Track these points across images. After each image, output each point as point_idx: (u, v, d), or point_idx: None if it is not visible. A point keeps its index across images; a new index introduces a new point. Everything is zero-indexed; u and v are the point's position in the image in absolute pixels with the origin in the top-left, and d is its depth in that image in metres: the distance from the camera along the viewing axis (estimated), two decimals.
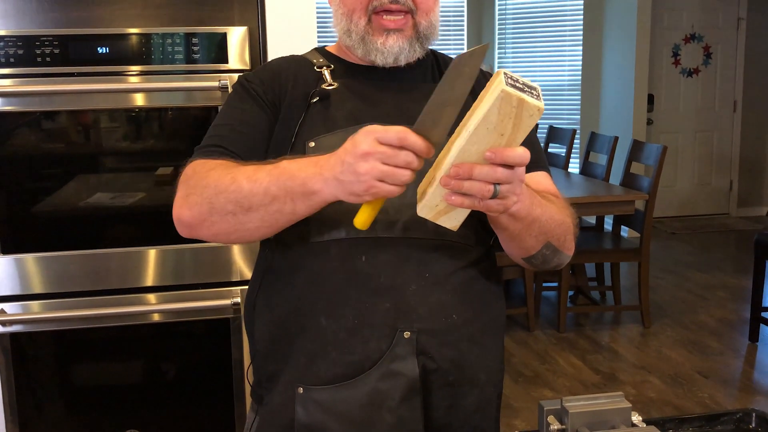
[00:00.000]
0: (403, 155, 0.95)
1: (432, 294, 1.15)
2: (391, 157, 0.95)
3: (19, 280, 2.03)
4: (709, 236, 6.45)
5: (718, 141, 7.06)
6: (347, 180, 0.98)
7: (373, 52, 1.23)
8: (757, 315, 3.98)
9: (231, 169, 1.10)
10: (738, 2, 6.87)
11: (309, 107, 1.22)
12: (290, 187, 1.04)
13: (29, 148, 2.01)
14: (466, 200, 0.98)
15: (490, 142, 0.94)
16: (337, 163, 0.99)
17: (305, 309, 1.16)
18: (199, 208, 1.11)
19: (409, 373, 1.12)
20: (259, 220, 1.09)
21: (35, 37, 1.92)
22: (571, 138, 5.18)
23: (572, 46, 6.73)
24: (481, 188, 0.96)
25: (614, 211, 4.14)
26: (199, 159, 1.17)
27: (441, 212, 1.03)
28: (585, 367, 3.73)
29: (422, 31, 1.23)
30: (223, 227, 1.11)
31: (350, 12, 1.23)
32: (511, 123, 0.92)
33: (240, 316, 2.10)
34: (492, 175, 0.96)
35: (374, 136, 0.96)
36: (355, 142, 0.97)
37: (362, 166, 0.96)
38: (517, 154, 0.95)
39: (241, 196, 1.07)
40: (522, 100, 0.90)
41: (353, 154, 0.96)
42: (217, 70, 2.01)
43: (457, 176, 0.96)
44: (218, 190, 1.09)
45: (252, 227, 1.10)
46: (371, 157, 0.95)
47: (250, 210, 1.08)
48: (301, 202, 1.05)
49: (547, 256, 1.19)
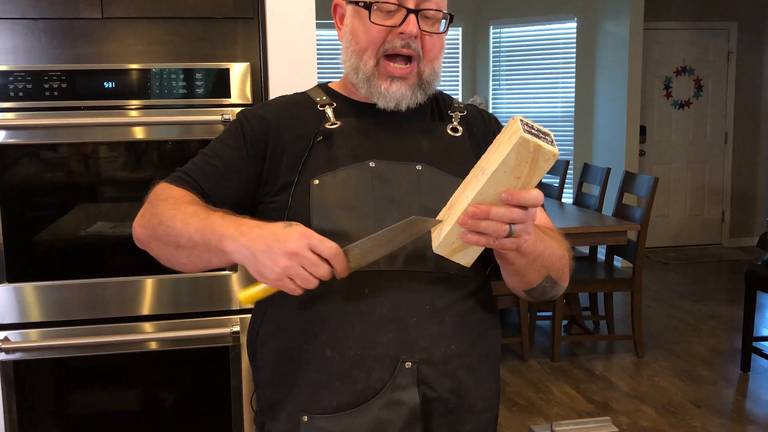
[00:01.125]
0: (323, 268, 1.05)
1: (432, 325, 1.19)
2: (313, 266, 1.04)
3: (18, 309, 2.05)
4: (702, 266, 6.50)
5: (709, 172, 7.15)
6: (262, 261, 1.05)
7: (376, 95, 1.27)
8: (748, 345, 4.01)
9: (178, 205, 1.18)
10: (728, 36, 6.99)
11: (313, 146, 1.26)
12: (209, 239, 1.12)
13: (31, 177, 2.05)
14: (482, 239, 1.03)
15: (506, 185, 1.00)
16: (260, 241, 1.06)
17: (310, 339, 1.20)
18: (146, 230, 1.20)
19: (410, 402, 1.17)
20: (185, 258, 1.18)
21: (43, 72, 1.98)
22: (565, 169, 5.24)
23: (565, 78, 6.83)
24: (497, 228, 1.02)
25: (607, 242, 4.19)
26: (166, 183, 1.25)
27: (456, 249, 1.09)
28: (579, 396, 3.75)
29: (425, 79, 1.28)
30: (160, 254, 1.21)
31: (362, 51, 1.26)
32: (527, 167, 0.98)
33: (239, 345, 2.13)
34: (508, 215, 1.01)
35: (308, 242, 1.04)
36: (287, 237, 1.04)
37: (283, 261, 1.04)
38: (532, 196, 1.01)
39: (173, 234, 1.15)
40: (539, 145, 0.96)
41: (281, 246, 1.04)
42: (220, 105, 2.07)
43: (475, 216, 1.01)
44: (160, 221, 1.17)
45: (180, 263, 1.20)
46: (296, 258, 1.03)
47: (178, 248, 1.16)
48: (215, 255, 1.13)
49: (547, 288, 1.24)
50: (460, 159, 1.28)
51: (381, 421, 1.16)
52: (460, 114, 1.36)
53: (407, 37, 1.23)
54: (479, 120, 1.38)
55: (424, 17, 1.25)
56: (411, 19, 1.23)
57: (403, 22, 1.23)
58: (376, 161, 1.25)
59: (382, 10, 1.24)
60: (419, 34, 1.24)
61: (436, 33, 1.26)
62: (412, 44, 1.24)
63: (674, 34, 6.87)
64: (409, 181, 1.24)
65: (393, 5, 1.23)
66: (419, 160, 1.26)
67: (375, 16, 1.24)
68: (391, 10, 1.24)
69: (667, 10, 6.79)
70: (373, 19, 1.24)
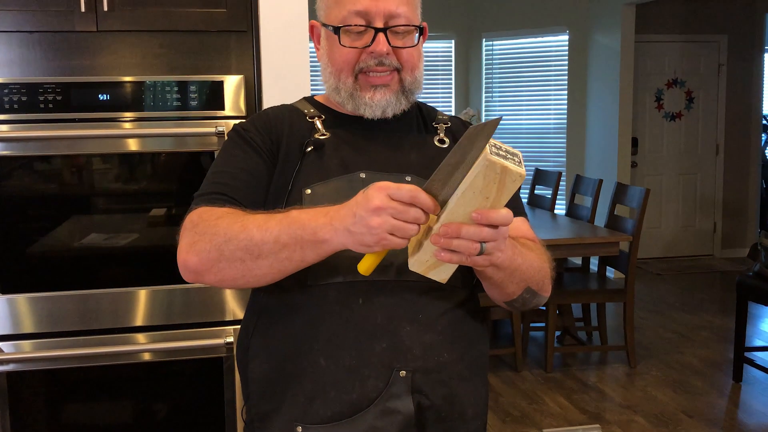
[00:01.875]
0: (413, 212, 1.02)
1: (425, 334, 1.20)
2: (401, 212, 1.01)
3: (11, 320, 2.06)
4: (694, 277, 6.53)
5: (701, 183, 7.19)
6: (358, 231, 1.03)
7: (362, 107, 1.29)
8: (740, 355, 4.03)
9: (240, 217, 1.14)
10: (719, 49, 7.05)
11: (304, 156, 1.28)
12: (300, 236, 1.09)
13: (25, 189, 2.06)
14: (454, 257, 1.05)
15: (476, 205, 1.02)
16: (349, 215, 1.05)
17: (304, 350, 1.20)
18: (207, 255, 1.14)
19: (405, 411, 1.18)
20: (267, 267, 1.13)
21: (38, 84, 1.99)
22: (557, 180, 5.27)
23: (557, 90, 6.87)
24: (468, 246, 1.04)
25: (599, 253, 4.21)
26: (204, 206, 1.20)
27: (431, 267, 1.10)
28: (572, 407, 3.76)
29: (407, 86, 1.30)
30: (231, 273, 1.15)
31: (338, 71, 1.29)
32: (495, 187, 1.01)
33: (233, 356, 2.13)
34: (478, 234, 1.03)
35: (386, 192, 1.02)
36: (367, 197, 1.03)
37: (374, 219, 1.01)
38: (501, 215, 1.03)
39: (252, 244, 1.11)
40: (505, 167, 0.98)
41: (365, 207, 1.02)
42: (214, 117, 2.08)
43: (447, 235, 1.03)
44: (228, 238, 1.12)
45: (260, 273, 1.14)
46: (383, 211, 1.01)
47: (259, 257, 1.12)
48: (310, 251, 1.10)
49: (527, 300, 1.26)
50: None
51: (376, 430, 1.17)
52: (445, 126, 1.39)
53: (378, 56, 1.26)
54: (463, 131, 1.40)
55: (395, 33, 1.27)
56: (380, 38, 1.25)
57: (372, 41, 1.25)
58: (366, 172, 1.26)
59: (351, 32, 1.27)
60: (391, 51, 1.26)
61: (408, 46, 1.28)
62: (386, 61, 1.26)
63: (665, 47, 6.92)
64: None
65: (361, 27, 1.26)
66: (408, 172, 1.28)
67: (345, 38, 1.27)
68: (360, 31, 1.26)
69: (659, 22, 6.85)
70: (343, 42, 1.27)
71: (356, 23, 1.25)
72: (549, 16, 6.76)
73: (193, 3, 2.09)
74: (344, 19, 1.26)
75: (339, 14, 1.27)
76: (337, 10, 1.28)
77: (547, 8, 6.76)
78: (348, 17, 1.26)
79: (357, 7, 1.25)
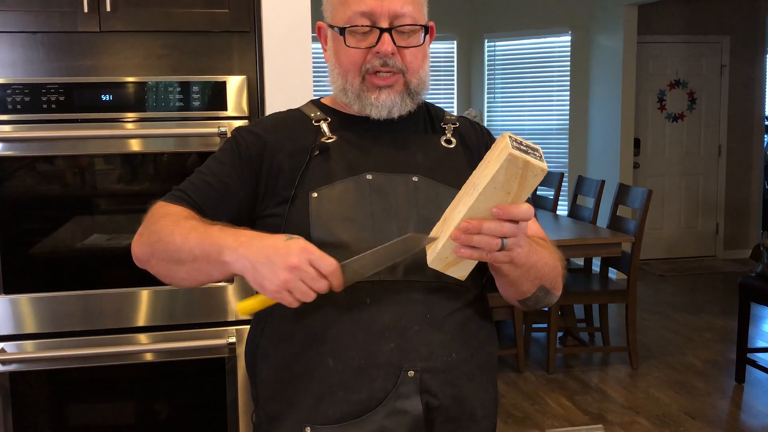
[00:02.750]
0: (321, 283, 1.06)
1: (433, 334, 1.21)
2: (312, 280, 1.06)
3: (14, 320, 2.06)
4: (696, 278, 6.52)
5: (703, 184, 7.18)
6: (262, 273, 1.07)
7: (368, 107, 1.30)
8: (743, 356, 4.02)
9: (177, 221, 1.20)
10: (721, 50, 7.05)
11: (310, 160, 1.29)
12: (208, 252, 1.13)
13: (28, 190, 2.06)
14: (475, 253, 1.06)
15: (497, 200, 1.02)
16: (261, 253, 1.08)
17: (312, 351, 1.21)
18: (144, 249, 1.22)
19: (413, 411, 1.18)
20: (185, 272, 1.19)
21: (41, 84, 1.99)
22: (559, 181, 5.27)
23: (560, 91, 6.87)
24: (490, 242, 1.04)
25: (601, 254, 4.21)
26: (163, 201, 1.27)
27: (450, 264, 1.11)
28: (574, 408, 3.76)
29: (413, 88, 1.31)
30: (160, 270, 1.23)
31: (345, 72, 1.30)
32: (517, 182, 1.01)
33: (235, 356, 2.13)
34: (499, 230, 1.04)
35: (308, 257, 1.05)
36: (288, 250, 1.06)
37: (284, 274, 1.05)
38: (522, 210, 1.04)
39: (173, 249, 1.17)
40: (527, 161, 0.99)
41: (282, 259, 1.05)
42: (216, 117, 2.08)
43: (467, 231, 1.04)
44: (159, 238, 1.19)
45: (179, 277, 1.21)
46: (297, 272, 1.05)
47: (177, 263, 1.18)
48: (214, 268, 1.15)
49: (540, 298, 1.26)
50: (454, 170, 1.31)
51: (385, 430, 1.17)
52: (453, 126, 1.39)
53: (383, 56, 1.26)
54: (472, 132, 1.41)
55: (400, 32, 1.27)
56: (385, 38, 1.26)
57: (377, 41, 1.26)
58: (372, 174, 1.27)
59: (356, 32, 1.27)
60: (396, 51, 1.27)
61: (414, 46, 1.29)
62: (390, 62, 1.27)
63: (668, 48, 6.92)
64: (405, 192, 1.26)
65: (366, 27, 1.26)
66: (415, 172, 1.29)
67: (350, 39, 1.28)
68: (365, 31, 1.27)
69: (661, 23, 6.84)
70: (349, 42, 1.28)
71: (361, 23, 1.26)
72: (551, 17, 6.76)
73: (195, 4, 2.09)
74: (349, 20, 1.27)
75: (344, 15, 1.28)
76: (343, 11, 1.28)
77: (549, 9, 6.76)
78: (353, 18, 1.27)
79: (362, 8, 1.26)
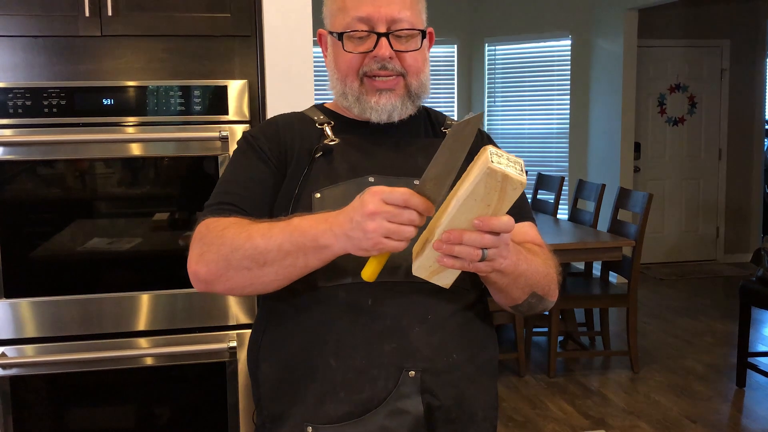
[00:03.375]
0: (407, 214, 1.03)
1: (434, 335, 1.21)
2: (396, 215, 1.03)
3: (14, 324, 2.06)
4: (697, 282, 6.52)
5: (704, 188, 7.18)
6: (356, 236, 1.05)
7: (368, 111, 1.31)
8: (744, 360, 4.02)
9: (245, 227, 1.17)
10: (721, 54, 7.05)
11: (313, 161, 1.30)
12: (302, 243, 1.12)
13: (28, 193, 2.06)
14: (456, 263, 1.07)
15: (477, 212, 1.03)
16: (346, 221, 1.06)
17: (314, 351, 1.22)
18: (215, 265, 1.17)
19: (414, 411, 1.19)
20: (274, 273, 1.15)
21: (43, 88, 1.99)
22: (560, 185, 5.27)
23: (560, 94, 6.88)
24: (470, 252, 1.05)
25: (602, 258, 4.21)
26: (211, 217, 1.23)
27: (434, 272, 1.12)
28: (575, 412, 3.75)
29: (413, 91, 1.32)
30: (239, 282, 1.18)
31: (344, 76, 1.32)
32: (496, 195, 1.01)
33: (236, 360, 2.13)
34: (480, 241, 1.05)
35: (380, 197, 1.03)
36: (362, 202, 1.05)
37: (370, 224, 1.03)
38: (502, 222, 1.04)
39: (257, 252, 1.14)
40: (506, 175, 0.99)
41: (361, 212, 1.04)
42: (218, 121, 2.08)
43: (449, 241, 1.04)
44: (234, 248, 1.15)
45: (267, 280, 1.17)
46: (378, 215, 1.03)
47: (265, 265, 1.14)
48: (313, 257, 1.12)
49: (533, 304, 1.27)
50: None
51: (386, 430, 1.18)
52: None
53: (381, 59, 1.27)
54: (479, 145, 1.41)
55: (398, 37, 1.29)
56: (382, 42, 1.27)
57: (375, 46, 1.27)
58: (374, 176, 1.28)
59: (354, 37, 1.29)
60: (394, 55, 1.28)
61: (412, 51, 1.30)
62: (389, 65, 1.28)
63: (668, 52, 6.92)
64: None
65: (364, 32, 1.28)
66: (416, 175, 1.29)
67: (348, 44, 1.29)
68: (362, 36, 1.28)
69: (661, 27, 6.85)
70: (347, 47, 1.29)
71: (359, 29, 1.27)
72: (552, 21, 6.77)
73: (197, 8, 2.10)
74: (348, 25, 1.28)
75: (343, 21, 1.29)
76: (341, 17, 1.30)
77: (549, 13, 6.77)
78: (351, 23, 1.28)
79: (360, 14, 1.27)
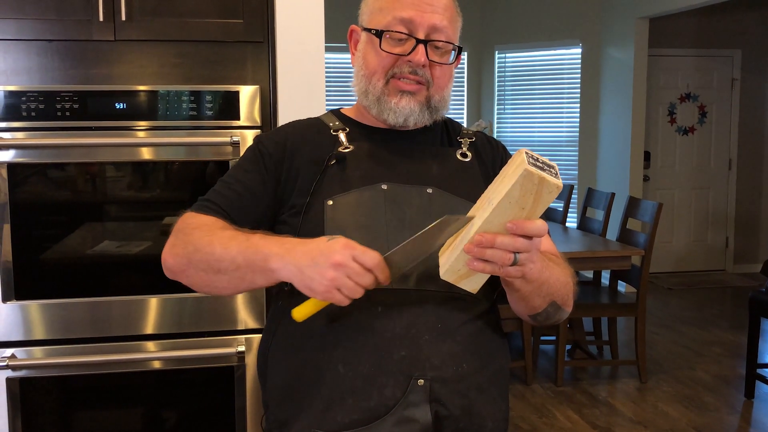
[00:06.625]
0: (368, 278, 1.07)
1: (444, 343, 1.21)
2: (358, 275, 1.07)
3: (23, 326, 2.06)
4: (706, 292, 6.49)
5: (713, 198, 7.16)
6: (310, 276, 1.08)
7: (386, 111, 1.31)
8: (752, 371, 4.00)
9: (213, 231, 1.21)
10: (732, 63, 7.04)
11: (326, 169, 1.30)
12: (253, 260, 1.15)
13: (39, 196, 2.06)
14: (487, 266, 1.07)
15: (511, 215, 1.03)
16: (306, 256, 1.09)
17: (323, 357, 1.21)
18: (180, 259, 1.22)
19: (422, 420, 1.18)
20: (226, 281, 1.20)
21: (56, 92, 2.01)
22: (569, 194, 5.26)
23: (570, 103, 6.87)
24: (502, 256, 1.05)
25: (611, 267, 4.19)
26: (193, 212, 1.28)
27: (463, 276, 1.12)
28: (582, 421, 3.74)
29: (434, 104, 1.32)
30: (197, 281, 1.23)
31: (371, 74, 1.32)
32: (531, 198, 1.01)
33: (244, 365, 2.13)
34: (512, 244, 1.04)
35: (351, 253, 1.06)
36: (331, 249, 1.07)
37: (330, 272, 1.06)
38: (536, 226, 1.04)
39: (213, 259, 1.18)
40: (543, 178, 0.99)
41: (326, 258, 1.07)
42: (229, 126, 2.09)
43: (481, 244, 1.04)
44: (196, 248, 1.20)
45: (220, 286, 1.22)
46: (342, 269, 1.06)
47: (218, 272, 1.19)
48: (259, 275, 1.16)
49: (551, 314, 1.27)
50: (469, 183, 1.32)
51: None
52: (469, 140, 1.40)
53: (415, 66, 1.28)
54: (488, 147, 1.42)
55: (434, 47, 1.29)
56: (420, 49, 1.27)
57: (412, 51, 1.27)
58: (388, 184, 1.28)
59: (393, 38, 1.29)
60: (427, 64, 1.29)
61: (444, 63, 1.31)
62: (419, 72, 1.29)
63: (678, 61, 6.91)
64: (420, 203, 1.27)
65: (404, 35, 1.28)
66: (430, 184, 1.29)
67: (386, 43, 1.29)
68: (401, 39, 1.28)
69: (672, 36, 6.84)
70: (384, 46, 1.29)
71: (399, 30, 1.28)
72: (562, 29, 6.77)
73: (210, 14, 2.11)
74: (388, 24, 1.29)
75: (383, 20, 1.30)
76: (382, 15, 1.30)
77: (560, 21, 6.77)
78: (392, 23, 1.28)
79: (403, 15, 1.28)
